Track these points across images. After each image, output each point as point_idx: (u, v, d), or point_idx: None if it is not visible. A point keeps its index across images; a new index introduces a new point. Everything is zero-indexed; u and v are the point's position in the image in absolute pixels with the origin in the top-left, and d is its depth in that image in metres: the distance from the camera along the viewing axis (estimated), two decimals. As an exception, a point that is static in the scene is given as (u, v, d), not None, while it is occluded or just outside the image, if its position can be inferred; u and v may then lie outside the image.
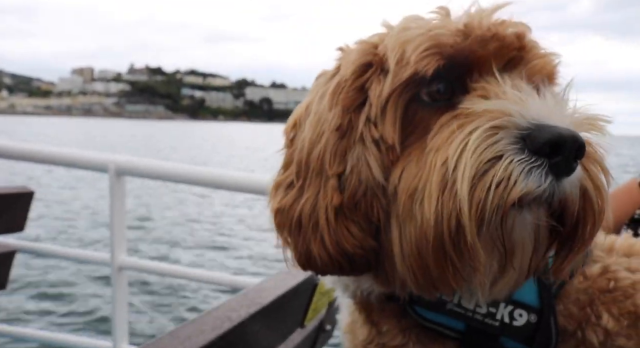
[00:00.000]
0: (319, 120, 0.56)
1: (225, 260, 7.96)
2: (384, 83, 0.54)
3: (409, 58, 0.53)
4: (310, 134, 0.56)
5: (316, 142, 0.55)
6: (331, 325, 1.53)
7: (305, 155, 0.56)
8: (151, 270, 2.05)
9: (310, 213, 0.54)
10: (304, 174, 0.56)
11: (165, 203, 12.95)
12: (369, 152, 0.53)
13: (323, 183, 0.54)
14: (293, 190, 0.57)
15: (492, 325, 0.62)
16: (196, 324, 0.87)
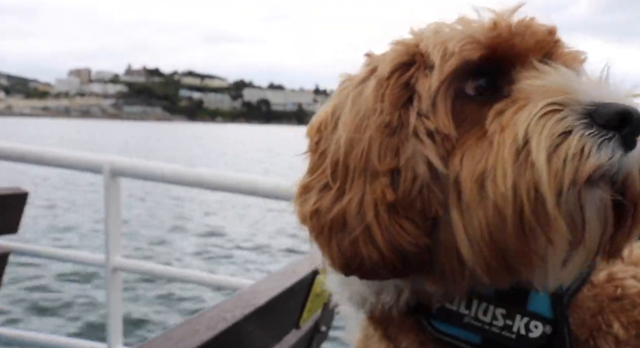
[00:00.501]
0: (360, 119, 0.56)
1: (220, 261, 7.97)
2: (431, 77, 0.55)
3: (453, 50, 0.55)
4: (349, 134, 0.56)
5: (357, 141, 0.55)
6: (326, 326, 1.53)
7: (342, 155, 0.56)
8: (146, 272, 2.04)
9: (356, 212, 0.54)
10: (343, 174, 0.56)
11: (161, 203, 12.97)
12: (424, 145, 0.53)
13: (369, 182, 0.54)
14: (330, 191, 0.56)
15: (509, 338, 0.62)
16: (190, 325, 0.87)
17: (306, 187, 0.59)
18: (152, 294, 5.79)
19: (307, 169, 0.61)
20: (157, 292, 5.83)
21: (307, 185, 0.59)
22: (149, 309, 5.35)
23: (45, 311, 5.37)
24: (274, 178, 1.93)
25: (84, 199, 12.68)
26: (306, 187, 0.59)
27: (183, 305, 5.55)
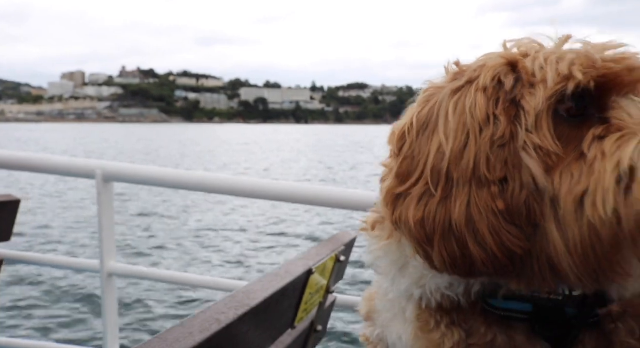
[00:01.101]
0: (468, 130, 0.59)
1: (216, 263, 7.99)
2: (537, 94, 0.58)
3: (570, 73, 0.58)
4: (455, 143, 0.58)
5: (465, 151, 0.58)
6: (322, 325, 1.54)
7: (446, 163, 0.58)
8: (141, 276, 2.04)
9: (466, 219, 0.57)
10: (446, 182, 0.58)
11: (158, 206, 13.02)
12: (531, 159, 0.57)
13: (476, 190, 0.57)
14: (433, 198, 0.58)
15: (557, 299, 0.67)
16: (184, 327, 0.87)
17: (399, 194, 0.61)
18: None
19: (393, 174, 0.63)
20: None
21: (400, 192, 0.61)
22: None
23: (40, 317, 5.36)
24: (274, 181, 1.93)
25: (77, 204, 12.72)
26: (399, 194, 0.61)
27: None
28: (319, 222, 11.69)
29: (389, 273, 0.75)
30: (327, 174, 22.66)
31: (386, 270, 0.76)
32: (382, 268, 0.76)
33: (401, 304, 0.75)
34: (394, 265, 0.73)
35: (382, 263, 0.76)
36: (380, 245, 0.75)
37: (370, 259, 0.78)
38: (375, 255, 0.76)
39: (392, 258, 0.74)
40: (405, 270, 0.71)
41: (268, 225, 11.43)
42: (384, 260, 0.75)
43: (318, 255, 1.34)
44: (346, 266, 1.58)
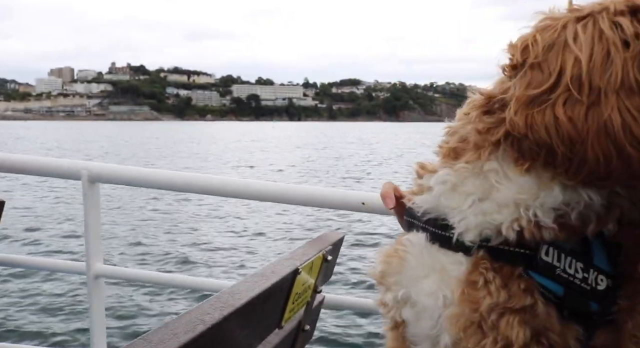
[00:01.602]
0: (608, 46, 0.62)
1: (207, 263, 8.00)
2: None
3: None
4: (597, 57, 0.62)
5: (609, 63, 0.61)
6: (310, 325, 1.55)
7: (588, 75, 0.61)
8: (128, 278, 2.03)
9: (622, 122, 0.59)
10: (591, 91, 0.61)
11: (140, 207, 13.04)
12: None
13: (628, 98, 0.60)
14: (581, 103, 0.61)
15: (585, 289, 0.69)
16: (169, 328, 0.86)
17: (534, 99, 0.63)
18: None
19: (522, 83, 0.65)
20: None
21: (535, 97, 0.63)
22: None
23: (26, 320, 5.33)
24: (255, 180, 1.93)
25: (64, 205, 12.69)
26: (534, 98, 0.63)
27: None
28: (311, 222, 11.74)
29: (459, 210, 0.73)
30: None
31: (454, 208, 0.74)
32: (447, 206, 0.74)
33: (444, 259, 0.74)
34: (469, 198, 0.72)
35: (447, 202, 0.74)
36: (453, 171, 0.74)
37: (430, 201, 0.77)
38: (441, 188, 0.75)
39: (466, 190, 0.73)
40: (486, 201, 0.71)
41: (260, 226, 11.45)
42: (452, 196, 0.74)
43: (305, 255, 1.34)
44: (334, 265, 1.58)
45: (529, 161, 0.67)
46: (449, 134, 0.79)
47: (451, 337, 0.71)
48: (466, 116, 0.76)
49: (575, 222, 0.68)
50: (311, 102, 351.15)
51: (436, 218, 0.76)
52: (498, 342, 0.67)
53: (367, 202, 1.66)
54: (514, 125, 0.64)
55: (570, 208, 0.67)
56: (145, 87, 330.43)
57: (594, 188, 0.66)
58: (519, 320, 0.67)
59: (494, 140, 0.69)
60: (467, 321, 0.69)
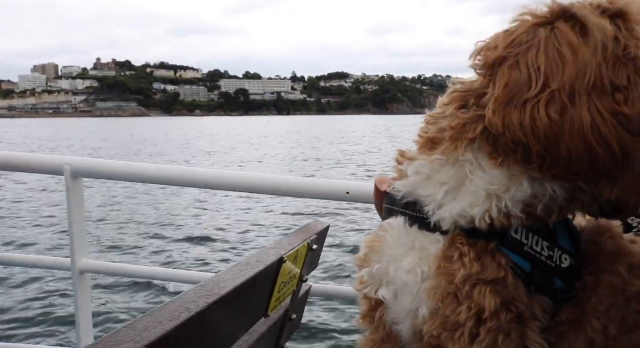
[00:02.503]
0: (593, 45, 0.65)
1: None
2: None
3: None
4: (575, 58, 0.65)
5: (585, 65, 0.64)
6: (297, 314, 1.56)
7: (565, 77, 0.64)
8: (114, 272, 2.02)
9: (591, 122, 0.63)
10: (568, 92, 0.64)
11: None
12: None
13: (599, 98, 0.63)
14: (556, 104, 0.64)
15: (551, 266, 0.74)
16: (154, 316, 0.87)
17: (511, 99, 0.66)
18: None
19: (499, 83, 0.68)
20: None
21: (512, 97, 0.66)
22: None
23: (11, 318, 5.28)
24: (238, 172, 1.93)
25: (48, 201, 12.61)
26: (512, 98, 0.66)
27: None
28: (296, 213, 11.76)
29: (433, 198, 0.77)
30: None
31: (428, 196, 0.78)
32: (422, 195, 0.78)
33: (423, 239, 0.78)
34: (443, 187, 0.76)
35: (422, 190, 0.78)
36: (429, 162, 0.77)
37: (407, 187, 0.80)
38: (417, 178, 0.79)
39: (440, 180, 0.76)
40: (460, 191, 0.75)
41: (247, 217, 11.45)
42: (427, 185, 0.78)
43: (290, 244, 1.35)
44: (320, 254, 1.60)
45: (502, 156, 0.70)
46: (429, 123, 0.81)
47: (429, 307, 0.75)
48: (446, 106, 0.78)
49: (540, 213, 0.72)
50: (300, 96, 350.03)
51: (415, 203, 0.80)
52: (472, 309, 0.72)
53: (351, 191, 1.68)
54: (493, 124, 0.67)
55: (537, 201, 0.72)
56: (132, 83, 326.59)
57: (558, 182, 0.70)
58: (490, 290, 0.71)
59: (470, 137, 0.72)
60: (444, 292, 0.73)
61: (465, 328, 0.72)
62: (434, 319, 0.75)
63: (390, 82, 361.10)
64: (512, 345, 0.72)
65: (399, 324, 0.82)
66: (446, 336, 0.74)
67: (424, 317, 0.76)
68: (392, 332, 0.86)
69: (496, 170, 0.71)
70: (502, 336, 0.72)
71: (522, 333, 0.73)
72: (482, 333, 0.71)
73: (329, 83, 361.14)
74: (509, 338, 0.72)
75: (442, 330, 0.74)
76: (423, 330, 0.76)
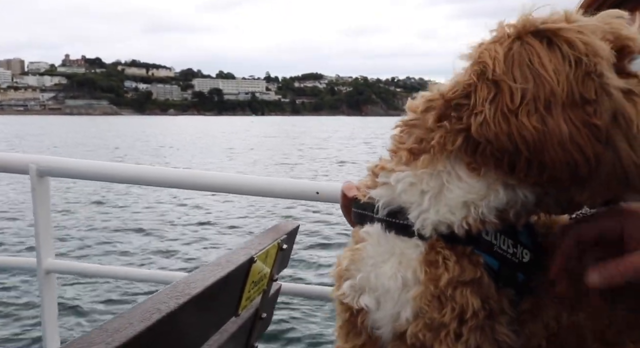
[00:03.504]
0: (561, 62, 0.70)
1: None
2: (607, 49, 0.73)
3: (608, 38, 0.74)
4: (552, 73, 0.70)
5: (560, 79, 0.69)
6: (267, 313, 1.59)
7: (543, 89, 0.69)
8: (81, 272, 1.99)
9: (569, 132, 0.68)
10: (545, 104, 0.69)
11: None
12: (614, 90, 0.71)
13: (571, 110, 0.68)
14: (538, 115, 0.69)
15: (515, 262, 0.80)
16: (124, 318, 0.88)
17: (499, 110, 0.70)
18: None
19: (486, 96, 0.72)
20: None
21: (500, 109, 0.70)
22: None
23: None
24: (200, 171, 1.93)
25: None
26: (499, 109, 0.70)
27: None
28: (258, 212, 11.74)
29: (417, 205, 0.80)
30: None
31: (412, 203, 0.81)
32: (405, 201, 0.81)
33: (401, 244, 0.82)
34: (425, 195, 0.79)
35: (406, 198, 0.81)
36: (413, 174, 0.81)
37: (389, 196, 0.83)
38: (402, 187, 0.82)
39: (422, 189, 0.79)
40: (440, 198, 0.78)
41: (216, 217, 11.37)
42: (410, 192, 0.81)
43: (260, 244, 1.38)
44: (290, 254, 1.63)
45: (482, 165, 0.75)
46: (404, 132, 0.84)
47: (413, 310, 0.79)
48: (420, 114, 0.82)
49: (512, 218, 0.78)
50: (274, 96, 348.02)
51: (397, 210, 0.83)
52: (455, 310, 0.77)
53: (321, 191, 1.71)
54: (482, 134, 0.72)
55: (510, 207, 0.77)
56: (103, 80, 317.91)
57: (530, 188, 0.76)
58: (470, 291, 0.77)
59: (449, 149, 0.77)
60: (430, 296, 0.78)
61: (450, 328, 0.77)
62: (418, 321, 0.79)
63: (364, 84, 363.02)
64: (486, 339, 0.78)
65: (380, 328, 0.86)
66: (431, 336, 0.78)
67: (408, 319, 0.80)
68: (372, 336, 0.90)
69: (474, 179, 0.76)
70: (479, 332, 0.77)
71: (493, 327, 0.78)
72: (465, 332, 0.77)
73: (303, 84, 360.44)
74: (484, 333, 0.78)
75: (426, 331, 0.78)
76: (407, 331, 0.80)
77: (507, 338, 0.79)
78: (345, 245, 0.92)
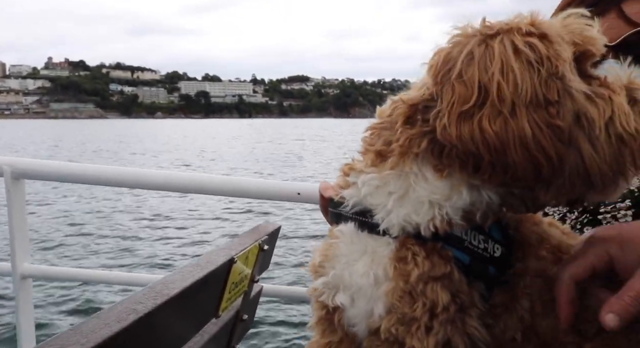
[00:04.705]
0: (527, 64, 0.72)
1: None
2: (567, 50, 0.75)
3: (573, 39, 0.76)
4: (518, 75, 0.71)
5: (522, 81, 0.70)
6: (249, 314, 1.58)
7: (505, 91, 0.70)
8: (58, 277, 1.96)
9: (532, 133, 0.69)
10: (506, 104, 0.70)
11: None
12: (576, 92, 0.73)
13: (535, 110, 0.70)
14: (502, 116, 0.70)
15: (486, 256, 0.82)
16: (100, 318, 0.87)
17: (461, 113, 0.72)
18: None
19: (448, 98, 0.73)
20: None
21: (462, 111, 0.72)
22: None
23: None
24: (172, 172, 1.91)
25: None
26: (461, 112, 0.72)
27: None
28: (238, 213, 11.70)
29: (382, 206, 0.82)
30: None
31: (378, 204, 0.82)
32: (372, 203, 0.83)
33: (373, 243, 0.83)
34: (391, 196, 0.80)
35: (372, 200, 0.83)
36: (379, 176, 0.82)
37: (357, 197, 0.85)
38: (367, 189, 0.83)
39: (389, 190, 0.81)
40: (405, 199, 0.80)
41: (199, 220, 11.31)
42: (377, 194, 0.83)
43: (241, 245, 1.38)
44: (271, 255, 1.63)
45: (447, 167, 0.76)
46: (374, 135, 0.86)
47: (385, 306, 0.81)
48: (388, 117, 0.84)
49: (478, 220, 0.80)
50: (261, 98, 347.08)
51: (365, 211, 0.85)
52: (426, 305, 0.78)
53: (302, 192, 1.72)
54: (446, 136, 0.73)
55: (476, 208, 0.79)
56: (87, 83, 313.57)
57: (494, 189, 0.78)
58: (441, 286, 0.78)
59: (416, 151, 0.78)
60: (401, 292, 0.79)
61: (421, 322, 0.78)
62: (390, 316, 0.80)
63: (352, 86, 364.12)
64: (456, 332, 0.79)
65: (355, 326, 0.87)
66: (403, 330, 0.80)
67: (380, 315, 0.81)
68: (349, 333, 0.90)
69: (439, 180, 0.78)
70: (449, 325, 0.79)
71: (463, 320, 0.80)
72: (436, 326, 0.78)
73: (290, 86, 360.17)
74: (455, 326, 0.79)
75: (399, 325, 0.80)
76: (381, 327, 0.81)
77: (476, 332, 0.81)
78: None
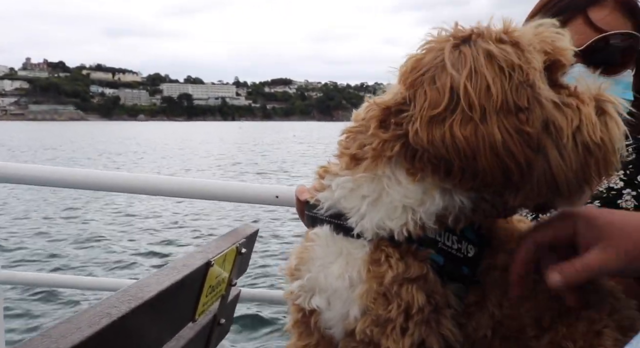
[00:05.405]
0: (499, 70, 0.73)
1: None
2: (537, 59, 0.76)
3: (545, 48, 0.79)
4: (490, 78, 0.72)
5: (493, 87, 0.72)
6: (226, 318, 1.57)
7: (477, 97, 0.71)
8: (29, 282, 1.92)
9: (502, 138, 0.71)
10: (480, 111, 0.71)
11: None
12: (545, 101, 0.75)
13: (505, 118, 0.71)
14: (473, 122, 0.71)
15: (460, 257, 0.83)
16: (71, 322, 0.85)
17: (432, 117, 0.73)
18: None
19: (420, 103, 0.74)
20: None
21: (433, 116, 0.73)
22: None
23: None
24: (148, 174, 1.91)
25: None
26: (432, 117, 0.73)
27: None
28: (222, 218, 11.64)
29: (356, 210, 0.83)
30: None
31: (351, 208, 0.83)
32: (345, 207, 0.84)
33: (348, 245, 0.84)
34: (364, 200, 0.81)
35: (346, 203, 0.84)
36: (352, 178, 0.83)
37: (332, 199, 0.86)
38: (341, 192, 0.84)
39: (362, 193, 0.81)
40: (379, 203, 0.81)
41: (177, 224, 11.22)
42: (350, 197, 0.83)
43: (218, 248, 1.37)
44: (249, 258, 1.62)
45: (419, 171, 0.78)
46: (349, 138, 0.87)
47: (360, 308, 0.82)
48: (363, 121, 0.85)
49: (450, 224, 0.82)
50: (245, 101, 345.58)
51: (338, 214, 0.86)
52: (401, 306, 0.79)
53: (280, 195, 1.72)
54: (417, 141, 0.74)
55: (448, 212, 0.81)
56: (67, 85, 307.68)
57: (466, 194, 0.79)
58: (416, 287, 0.80)
59: (389, 155, 0.79)
60: (375, 294, 0.80)
61: (397, 323, 0.79)
62: (365, 318, 0.81)
63: (335, 89, 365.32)
64: (431, 332, 0.81)
65: (331, 328, 0.88)
66: (378, 331, 0.81)
67: (356, 317, 0.82)
68: (325, 335, 0.91)
69: (412, 184, 0.79)
70: (424, 326, 0.80)
71: (438, 320, 0.82)
72: (411, 327, 0.79)
73: (273, 89, 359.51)
74: (430, 326, 0.81)
75: (374, 327, 0.81)
76: (356, 328, 0.82)
77: (450, 334, 0.82)
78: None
